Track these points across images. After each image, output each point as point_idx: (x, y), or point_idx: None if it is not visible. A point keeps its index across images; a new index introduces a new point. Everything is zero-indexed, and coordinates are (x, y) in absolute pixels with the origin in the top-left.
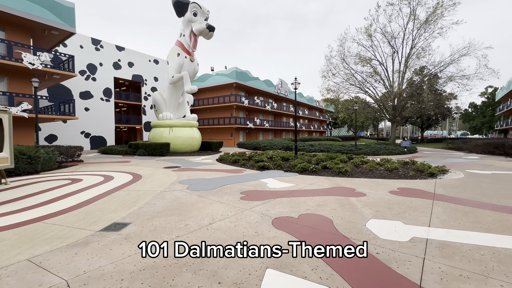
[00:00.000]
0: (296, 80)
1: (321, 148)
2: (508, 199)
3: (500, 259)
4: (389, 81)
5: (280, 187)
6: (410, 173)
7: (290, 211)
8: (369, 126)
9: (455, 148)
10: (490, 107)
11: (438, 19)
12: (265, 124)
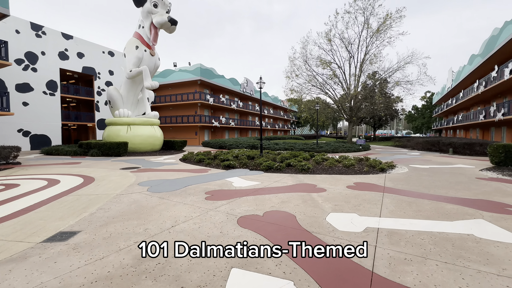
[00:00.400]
0: (261, 79)
1: (286, 147)
2: (442, 189)
3: (436, 242)
4: (346, 84)
5: (246, 185)
6: (364, 168)
7: (256, 209)
8: (329, 126)
9: (401, 145)
10: (428, 109)
11: (387, 29)
12: (231, 123)
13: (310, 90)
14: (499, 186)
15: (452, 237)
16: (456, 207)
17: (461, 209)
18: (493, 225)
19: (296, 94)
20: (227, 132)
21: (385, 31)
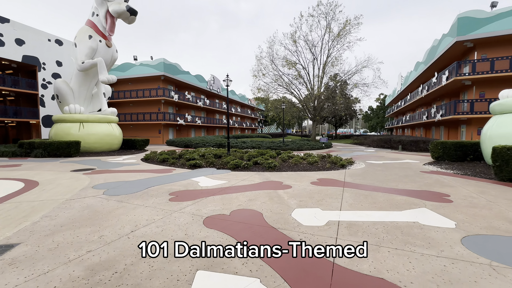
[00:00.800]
0: (228, 77)
1: (253, 145)
2: (393, 182)
3: (388, 230)
4: (310, 84)
5: (212, 185)
6: (327, 165)
7: (222, 209)
8: (295, 124)
9: (359, 143)
10: (382, 110)
11: (347, 34)
12: (197, 121)
13: (277, 89)
14: (438, 178)
15: (401, 225)
16: (405, 198)
17: (409, 199)
18: (433, 213)
19: (263, 93)
20: (193, 130)
21: (345, 36)
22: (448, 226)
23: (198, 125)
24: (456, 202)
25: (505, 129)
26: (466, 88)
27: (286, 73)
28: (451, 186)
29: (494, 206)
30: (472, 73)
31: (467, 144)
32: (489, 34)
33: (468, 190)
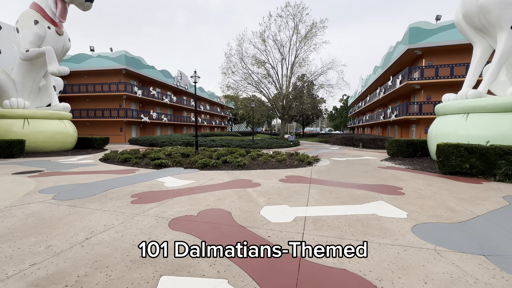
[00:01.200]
0: (196, 73)
1: (222, 143)
2: (354, 177)
3: (350, 223)
4: (279, 84)
5: (179, 185)
6: (294, 163)
7: (190, 209)
8: (264, 123)
9: (324, 141)
10: (345, 110)
11: (313, 36)
12: (163, 118)
13: (246, 87)
14: (393, 173)
15: (362, 218)
16: (364, 192)
17: (368, 193)
18: (389, 205)
19: (233, 91)
20: (159, 128)
21: (311, 38)
22: (401, 216)
23: (164, 123)
24: (408, 194)
25: (447, 128)
26: (416, 92)
27: (255, 72)
28: (404, 180)
29: (438, 197)
30: (421, 78)
31: (416, 142)
32: (434, 43)
33: (418, 183)
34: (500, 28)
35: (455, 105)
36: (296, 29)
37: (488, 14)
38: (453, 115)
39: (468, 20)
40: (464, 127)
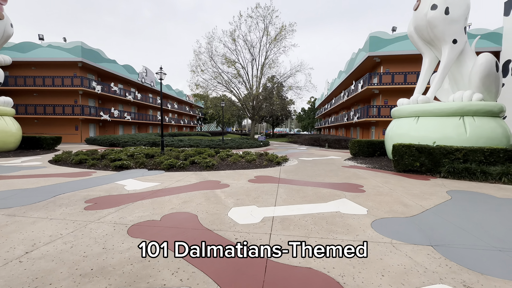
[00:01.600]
0: (162, 70)
1: (191, 143)
2: (320, 177)
3: (315, 222)
4: (249, 84)
5: (142, 188)
6: (264, 163)
7: (152, 214)
8: (235, 123)
9: (293, 141)
10: (312, 111)
11: (282, 39)
12: (126, 117)
13: (216, 86)
14: (355, 171)
15: (326, 216)
16: (329, 191)
17: (332, 191)
18: (351, 202)
19: (202, 90)
20: (121, 127)
21: (281, 40)
22: (362, 213)
23: (128, 122)
24: (368, 191)
25: (401, 130)
26: (375, 96)
27: (225, 71)
28: (364, 178)
29: (393, 193)
30: (379, 84)
31: (375, 142)
32: (391, 52)
33: (376, 180)
34: (444, 41)
35: (408, 109)
36: (266, 30)
37: (435, 28)
38: (406, 118)
39: (418, 33)
40: (416, 129)
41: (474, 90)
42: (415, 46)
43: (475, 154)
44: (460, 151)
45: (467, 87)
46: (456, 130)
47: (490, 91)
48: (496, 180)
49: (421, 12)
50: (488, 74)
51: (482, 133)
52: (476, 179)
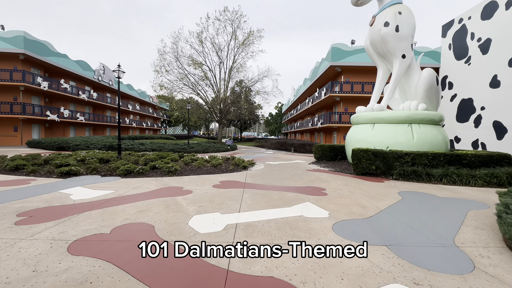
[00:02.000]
0: (120, 67)
1: (153, 147)
2: (285, 181)
3: (279, 227)
4: (217, 87)
5: (92, 196)
6: (230, 167)
7: (101, 226)
8: (202, 126)
9: (260, 145)
10: (279, 116)
11: (250, 44)
12: (79, 117)
13: (182, 88)
14: (319, 175)
15: (290, 220)
16: (294, 195)
17: (297, 195)
18: (314, 206)
19: (167, 91)
20: (73, 129)
21: (249, 45)
22: (324, 216)
23: (81, 123)
24: (330, 194)
25: (359, 135)
26: (337, 103)
27: (192, 73)
28: (327, 181)
29: (353, 196)
30: (340, 92)
31: (337, 147)
32: (350, 63)
33: (338, 183)
34: (395, 56)
35: (365, 116)
36: (234, 34)
37: (387, 43)
38: (363, 125)
39: (373, 46)
40: (372, 135)
41: (419, 100)
42: (371, 59)
43: (421, 158)
44: (409, 155)
45: (414, 98)
46: (405, 136)
47: (432, 101)
48: (438, 181)
49: (376, 28)
50: (430, 87)
51: (426, 139)
52: (422, 181)
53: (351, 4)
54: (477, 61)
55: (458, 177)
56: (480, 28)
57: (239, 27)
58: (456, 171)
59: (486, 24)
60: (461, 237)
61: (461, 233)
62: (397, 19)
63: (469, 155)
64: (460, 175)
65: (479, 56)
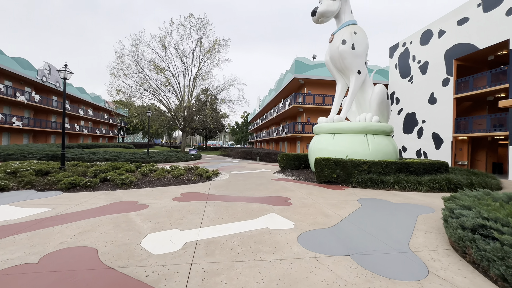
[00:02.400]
0: (67, 67)
1: (107, 157)
2: (251, 191)
3: (243, 242)
4: (181, 94)
5: (20, 216)
6: (193, 178)
7: (28, 254)
8: (164, 134)
9: (226, 154)
10: (245, 126)
11: (216, 52)
12: (14, 122)
13: (142, 94)
14: (284, 184)
15: (255, 234)
16: (259, 205)
17: (262, 206)
18: (279, 216)
19: (124, 96)
20: (7, 135)
21: (214, 53)
22: (289, 227)
23: (17, 128)
24: (294, 204)
25: (321, 145)
26: (300, 114)
27: (154, 78)
28: (291, 190)
29: (316, 204)
30: (303, 103)
31: (301, 156)
32: (312, 76)
33: (302, 192)
34: (351, 71)
35: (326, 126)
36: (200, 41)
37: (345, 60)
38: (325, 135)
39: (333, 61)
40: (332, 144)
41: (373, 113)
42: (330, 73)
43: (376, 166)
44: (365, 163)
45: (368, 110)
46: (362, 146)
47: (384, 114)
48: (390, 187)
49: (335, 45)
50: (382, 101)
51: (380, 149)
52: (377, 187)
53: (312, 22)
54: (418, 80)
55: (408, 183)
56: (419, 51)
57: (205, 35)
58: (405, 178)
59: (424, 49)
60: (415, 242)
61: (414, 238)
62: (353, 38)
63: (415, 164)
64: (409, 182)
65: (420, 76)
